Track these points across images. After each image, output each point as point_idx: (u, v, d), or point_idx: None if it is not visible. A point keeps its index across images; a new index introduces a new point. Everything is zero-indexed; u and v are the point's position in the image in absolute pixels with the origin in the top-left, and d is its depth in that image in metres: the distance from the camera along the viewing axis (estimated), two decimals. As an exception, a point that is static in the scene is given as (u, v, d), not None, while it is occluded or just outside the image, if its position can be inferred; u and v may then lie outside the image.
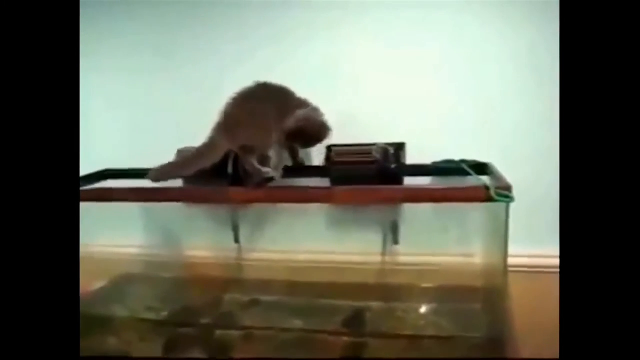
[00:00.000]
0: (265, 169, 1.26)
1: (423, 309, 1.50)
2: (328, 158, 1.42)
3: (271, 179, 1.26)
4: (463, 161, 1.38)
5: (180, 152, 1.48)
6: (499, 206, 1.13)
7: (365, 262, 1.53)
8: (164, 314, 1.55)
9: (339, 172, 1.39)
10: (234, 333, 1.45)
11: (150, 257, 1.68)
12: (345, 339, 1.38)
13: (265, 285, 1.60)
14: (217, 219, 1.65)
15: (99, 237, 1.64)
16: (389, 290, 1.53)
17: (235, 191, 1.31)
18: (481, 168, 1.34)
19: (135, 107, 1.71)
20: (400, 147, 1.43)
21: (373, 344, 1.36)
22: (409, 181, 1.41)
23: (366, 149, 1.39)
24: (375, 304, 1.50)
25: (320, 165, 1.45)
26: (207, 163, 1.27)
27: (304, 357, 1.33)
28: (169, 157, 1.44)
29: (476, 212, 1.37)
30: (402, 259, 1.52)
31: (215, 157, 1.28)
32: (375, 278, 1.53)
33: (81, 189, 1.45)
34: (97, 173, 1.59)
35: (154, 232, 1.68)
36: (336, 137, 1.42)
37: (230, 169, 1.38)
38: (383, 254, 1.53)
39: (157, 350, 1.42)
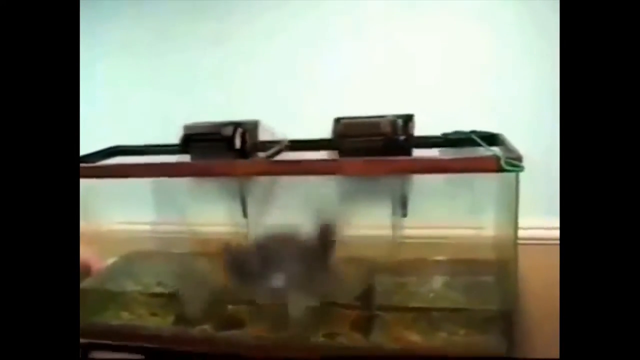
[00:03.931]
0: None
1: (434, 282, 1.48)
2: (336, 130, 1.40)
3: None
4: (473, 132, 1.35)
5: (186, 127, 1.47)
6: (510, 177, 1.10)
7: (374, 236, 1.51)
8: (175, 289, 1.56)
9: (347, 144, 1.37)
10: (245, 308, 1.46)
11: (161, 233, 1.68)
12: (355, 312, 1.38)
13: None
14: (226, 194, 1.64)
15: (109, 213, 1.66)
16: (399, 263, 1.52)
17: (242, 164, 1.31)
18: (492, 139, 1.31)
19: (142, 87, 1.71)
20: (408, 119, 1.40)
21: (383, 317, 1.35)
22: (418, 153, 1.39)
23: (374, 121, 1.37)
24: (385, 278, 1.49)
25: (327, 137, 1.43)
26: None
27: (314, 330, 1.33)
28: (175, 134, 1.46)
29: (487, 183, 1.34)
30: (412, 231, 1.50)
31: None
32: (384, 251, 1.51)
33: (91, 165, 1.46)
34: (107, 149, 1.59)
35: (164, 207, 1.68)
36: (344, 109, 1.41)
37: (237, 143, 1.38)
38: (392, 227, 1.52)
39: (168, 324, 1.44)
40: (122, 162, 1.54)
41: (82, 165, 1.43)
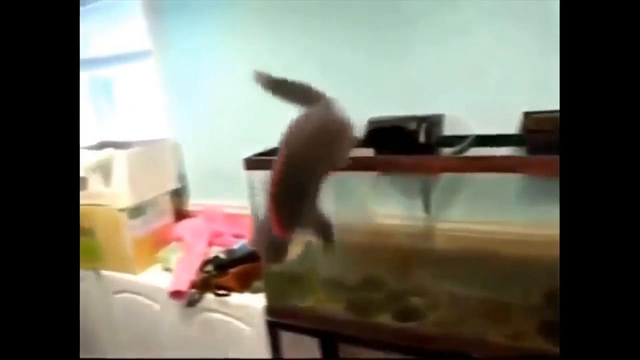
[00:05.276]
0: None
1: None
2: (524, 126, 1.36)
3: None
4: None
5: (371, 121, 1.51)
6: None
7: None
8: (353, 278, 1.61)
9: (536, 140, 1.32)
10: (421, 300, 1.47)
11: (341, 224, 1.74)
12: (538, 316, 1.32)
13: (455, 256, 1.58)
14: (406, 188, 1.66)
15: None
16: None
17: (429, 160, 1.32)
18: None
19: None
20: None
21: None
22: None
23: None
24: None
25: (515, 133, 1.39)
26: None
27: (487, 328, 1.31)
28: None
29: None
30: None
31: None
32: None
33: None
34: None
35: (345, 199, 1.74)
36: (530, 103, 1.36)
37: (422, 138, 1.39)
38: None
39: (346, 311, 1.51)
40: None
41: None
